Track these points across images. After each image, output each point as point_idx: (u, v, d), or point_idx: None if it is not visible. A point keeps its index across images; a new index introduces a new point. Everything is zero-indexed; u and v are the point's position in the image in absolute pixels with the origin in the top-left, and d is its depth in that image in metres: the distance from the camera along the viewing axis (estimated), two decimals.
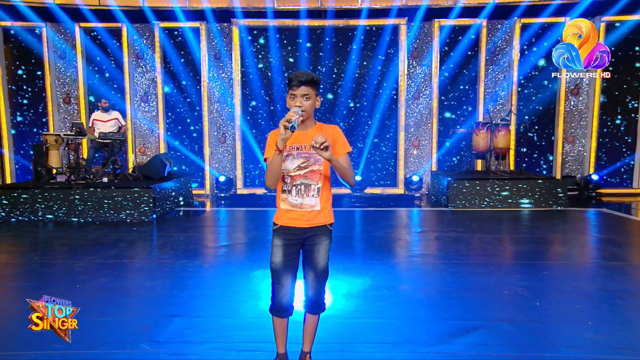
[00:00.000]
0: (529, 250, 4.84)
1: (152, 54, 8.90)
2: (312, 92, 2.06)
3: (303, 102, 2.04)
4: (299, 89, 2.04)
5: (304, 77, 2.04)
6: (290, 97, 2.08)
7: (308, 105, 2.06)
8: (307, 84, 2.04)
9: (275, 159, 1.99)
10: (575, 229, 6.15)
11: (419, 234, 5.76)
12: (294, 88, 2.05)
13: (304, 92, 2.04)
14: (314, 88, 2.07)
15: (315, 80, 2.06)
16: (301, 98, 2.05)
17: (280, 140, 1.92)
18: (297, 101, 2.04)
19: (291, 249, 2.14)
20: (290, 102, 2.07)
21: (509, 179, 7.34)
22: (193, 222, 6.65)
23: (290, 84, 2.06)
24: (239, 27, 8.76)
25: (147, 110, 9.18)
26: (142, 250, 5.00)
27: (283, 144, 1.94)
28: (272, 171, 2.01)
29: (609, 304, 3.21)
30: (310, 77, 2.05)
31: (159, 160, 7.29)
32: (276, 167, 2.00)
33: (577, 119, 9.17)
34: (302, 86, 2.03)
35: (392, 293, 3.49)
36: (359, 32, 8.71)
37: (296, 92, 2.04)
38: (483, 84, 8.97)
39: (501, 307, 3.19)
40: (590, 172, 8.96)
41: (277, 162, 1.99)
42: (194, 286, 3.69)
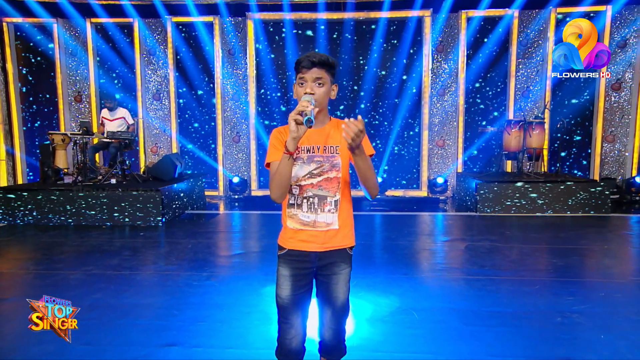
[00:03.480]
0: (576, 265, 4.27)
1: (164, 51, 8.57)
2: (326, 76, 1.59)
3: (315, 89, 1.57)
4: (310, 71, 1.57)
5: (317, 57, 1.56)
6: (298, 84, 1.60)
7: (321, 92, 1.58)
8: (321, 65, 1.57)
9: (283, 164, 1.52)
10: (624, 239, 5.51)
11: (447, 243, 5.22)
12: (303, 70, 1.58)
13: (317, 74, 1.57)
14: (329, 72, 1.60)
15: (330, 62, 1.59)
16: (312, 83, 1.58)
17: (291, 139, 1.46)
18: (308, 87, 1.57)
19: (302, 279, 1.68)
20: (298, 90, 1.60)
21: (544, 182, 6.73)
22: (203, 226, 6.26)
23: (299, 65, 1.58)
24: (254, 20, 8.35)
25: (159, 109, 8.86)
26: (146, 259, 4.61)
27: (295, 144, 1.48)
28: (280, 180, 1.54)
29: None
30: (325, 58, 1.57)
31: (169, 161, 6.93)
32: (285, 174, 1.54)
33: (618, 116, 8.45)
34: (314, 68, 1.56)
35: (424, 317, 2.99)
36: (381, 25, 8.18)
37: (306, 75, 1.57)
38: (514, 80, 8.34)
39: (557, 341, 2.65)
40: (633, 175, 8.24)
41: (287, 169, 1.53)
42: (197, 305, 3.27)
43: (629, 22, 8.09)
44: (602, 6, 7.90)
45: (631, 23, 8.08)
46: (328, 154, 1.63)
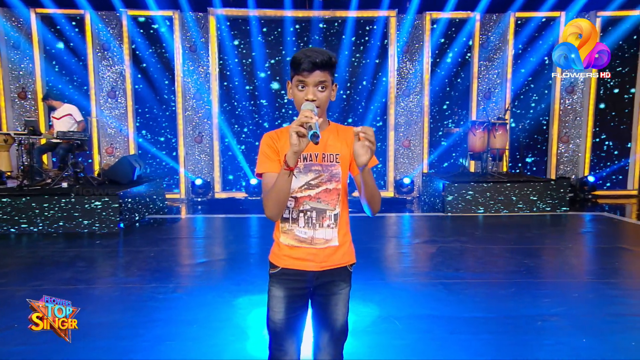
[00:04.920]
0: (546, 265, 4.35)
1: (120, 45, 8.07)
2: (329, 78, 1.42)
3: (317, 94, 1.40)
4: (312, 74, 1.38)
5: (319, 57, 1.37)
6: (296, 87, 1.42)
7: (324, 98, 1.42)
8: (324, 67, 1.39)
9: (282, 180, 1.34)
10: (584, 237, 5.72)
11: (419, 245, 5.20)
12: (303, 73, 1.39)
13: (320, 78, 1.39)
14: (332, 73, 1.43)
15: (333, 61, 1.42)
16: (314, 88, 1.40)
17: (292, 154, 1.28)
18: (309, 93, 1.39)
19: (297, 301, 1.51)
20: (297, 94, 1.42)
21: (509, 182, 6.89)
22: (166, 232, 5.92)
23: (298, 67, 1.39)
24: (217, 16, 8.02)
25: (114, 107, 8.34)
26: (103, 271, 4.26)
27: (296, 158, 1.30)
28: (278, 198, 1.36)
29: None
30: (328, 58, 1.40)
31: (127, 163, 6.51)
32: (284, 191, 1.36)
33: (571, 118, 8.83)
34: (316, 70, 1.38)
35: (407, 326, 2.90)
36: (349, 25, 8.09)
37: (308, 78, 1.39)
38: (477, 82, 8.51)
39: (542, 347, 2.63)
40: (586, 174, 8.64)
41: (286, 185, 1.34)
42: (164, 321, 3.01)
43: None
44: (556, 12, 8.21)
45: None
46: (327, 163, 1.47)
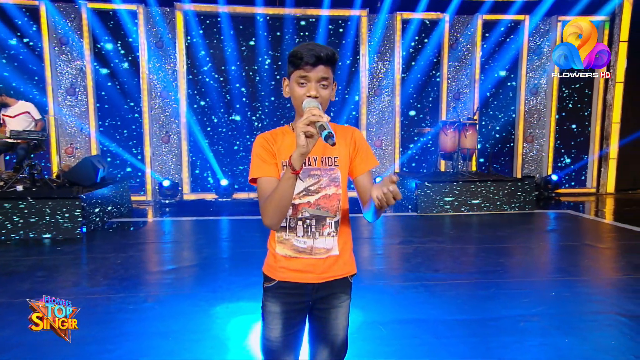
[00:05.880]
0: (520, 264, 4.42)
1: (80, 40, 7.63)
2: (331, 75, 1.33)
3: (320, 92, 1.30)
4: (316, 69, 1.28)
5: (322, 51, 1.28)
6: (296, 83, 1.31)
7: (326, 96, 1.32)
8: (327, 62, 1.29)
9: (286, 185, 1.22)
10: (555, 235, 5.88)
11: (396, 246, 5.18)
12: (306, 67, 1.28)
13: (323, 74, 1.29)
14: (334, 70, 1.34)
15: (336, 57, 1.32)
16: (317, 84, 1.29)
17: (298, 156, 1.17)
18: (312, 89, 1.29)
19: (295, 316, 1.40)
20: (297, 90, 1.31)
21: (480, 181, 7.02)
22: (133, 237, 5.63)
23: (300, 61, 1.28)
24: (184, 12, 7.74)
25: (74, 105, 7.88)
26: (66, 280, 3.97)
27: (302, 161, 1.19)
28: (279, 204, 1.25)
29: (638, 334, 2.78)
30: (332, 52, 1.30)
31: (89, 164, 6.15)
32: (287, 197, 1.25)
33: (535, 119, 9.12)
34: (319, 65, 1.28)
35: (392, 331, 2.84)
36: (322, 23, 8.00)
37: (310, 73, 1.28)
38: (447, 83, 8.63)
39: (530, 349, 2.63)
40: (549, 173, 8.95)
41: (290, 191, 1.24)
42: (136, 335, 2.81)
43: (542, 33, 8.76)
44: (521, 16, 8.44)
45: (545, 33, 8.75)
46: (326, 167, 1.37)
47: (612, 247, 5.16)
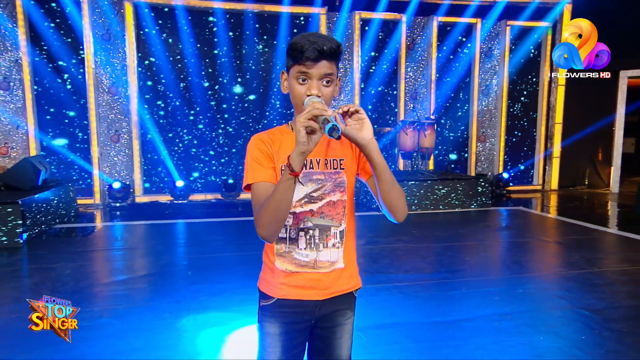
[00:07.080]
0: (486, 262, 4.52)
1: (15, 29, 6.96)
2: (335, 71, 1.20)
3: (322, 89, 1.17)
4: (318, 65, 1.15)
5: (327, 43, 1.14)
6: (296, 79, 1.17)
7: (329, 93, 1.20)
8: (331, 56, 1.16)
9: (284, 189, 1.07)
10: (511, 231, 6.09)
11: (363, 247, 5.13)
12: (307, 63, 1.14)
13: (327, 70, 1.16)
14: (337, 65, 1.21)
15: (341, 50, 1.20)
16: (319, 81, 1.16)
17: (298, 155, 1.04)
18: (313, 88, 1.15)
19: (297, 337, 1.26)
20: (296, 88, 1.18)
21: (439, 179, 7.16)
22: (81, 244, 5.19)
23: (300, 55, 1.14)
24: (135, 3, 7.27)
25: (9, 101, 7.19)
26: (4, 296, 3.56)
27: (302, 160, 1.05)
28: (277, 211, 1.10)
29: (603, 327, 2.88)
30: (336, 46, 1.17)
31: (29, 165, 5.62)
32: (285, 203, 1.10)
33: (487, 118, 9.46)
34: (322, 60, 1.15)
35: (372, 338, 2.76)
36: (283, 20, 7.81)
37: (312, 70, 1.15)
38: (404, 83, 8.74)
39: (511, 348, 2.64)
40: (500, 171, 9.33)
41: (288, 196, 1.09)
42: (93, 356, 2.54)
43: (492, 36, 9.11)
44: (474, 19, 8.71)
45: (497, 35, 9.10)
46: (330, 170, 1.24)
47: (563, 242, 5.40)
